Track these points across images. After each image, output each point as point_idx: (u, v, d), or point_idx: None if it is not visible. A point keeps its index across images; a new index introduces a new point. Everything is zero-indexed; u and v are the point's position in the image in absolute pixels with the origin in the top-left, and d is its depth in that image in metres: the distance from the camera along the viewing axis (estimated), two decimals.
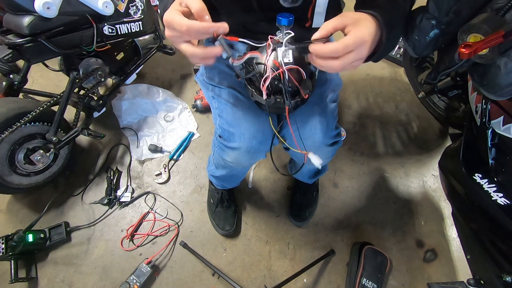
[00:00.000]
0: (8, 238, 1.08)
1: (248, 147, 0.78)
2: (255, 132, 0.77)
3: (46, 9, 0.97)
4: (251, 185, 1.36)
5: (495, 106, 0.78)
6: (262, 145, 0.79)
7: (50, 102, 1.13)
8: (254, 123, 0.78)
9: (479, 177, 0.83)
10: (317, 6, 0.72)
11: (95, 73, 1.27)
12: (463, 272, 1.20)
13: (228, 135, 0.80)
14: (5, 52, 1.03)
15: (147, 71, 1.71)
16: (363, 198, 1.36)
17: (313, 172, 1.11)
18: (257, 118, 0.79)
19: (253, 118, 0.78)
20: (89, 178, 1.36)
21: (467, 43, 0.53)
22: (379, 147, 1.52)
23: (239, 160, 0.84)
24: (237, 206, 1.28)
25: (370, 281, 1.10)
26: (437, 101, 1.58)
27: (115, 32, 1.20)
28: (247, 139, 0.77)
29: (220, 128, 0.83)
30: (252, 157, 0.83)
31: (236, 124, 0.78)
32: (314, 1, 0.72)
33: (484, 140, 0.81)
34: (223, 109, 0.82)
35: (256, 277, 1.16)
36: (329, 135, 0.81)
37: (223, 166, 0.96)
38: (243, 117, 0.78)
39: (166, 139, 1.48)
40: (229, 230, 1.21)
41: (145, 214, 1.27)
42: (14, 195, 1.29)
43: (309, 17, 0.76)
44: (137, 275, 1.09)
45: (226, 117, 0.81)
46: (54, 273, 1.14)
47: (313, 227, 1.28)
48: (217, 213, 1.24)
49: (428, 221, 1.32)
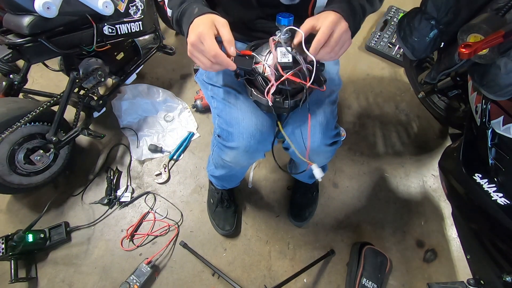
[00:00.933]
0: (8, 238, 1.08)
1: (247, 146, 0.78)
2: (254, 132, 0.77)
3: (46, 9, 0.97)
4: (251, 185, 1.36)
5: (495, 106, 0.78)
6: (260, 145, 0.79)
7: (50, 102, 1.13)
8: (252, 123, 0.78)
9: (479, 177, 0.83)
10: (318, 1, 0.73)
11: (95, 73, 1.26)
12: (463, 272, 1.20)
13: (226, 135, 0.80)
14: (5, 52, 1.03)
15: (147, 71, 1.71)
16: (363, 198, 1.36)
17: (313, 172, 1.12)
18: (256, 118, 0.79)
19: (252, 118, 0.78)
20: (89, 178, 1.36)
21: (467, 43, 0.53)
22: (379, 147, 1.52)
23: (238, 160, 0.84)
24: (237, 206, 1.28)
25: (370, 281, 1.10)
26: (437, 101, 1.58)
27: (115, 32, 1.20)
28: (245, 138, 0.77)
29: (219, 127, 0.83)
30: (250, 157, 0.83)
31: (235, 123, 0.78)
32: None
33: (484, 140, 0.82)
34: (222, 108, 0.82)
35: (256, 277, 1.16)
36: (328, 135, 0.81)
37: (222, 166, 0.96)
38: (242, 116, 0.78)
39: (166, 139, 1.48)
40: (229, 230, 1.21)
41: (145, 214, 1.27)
42: (14, 195, 1.29)
43: (309, 14, 0.76)
44: (137, 275, 1.09)
45: (224, 117, 0.81)
46: (54, 273, 1.14)
47: (313, 227, 1.28)
48: (217, 213, 1.24)
49: (428, 221, 1.32)
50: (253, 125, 0.77)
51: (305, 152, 0.80)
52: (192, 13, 0.65)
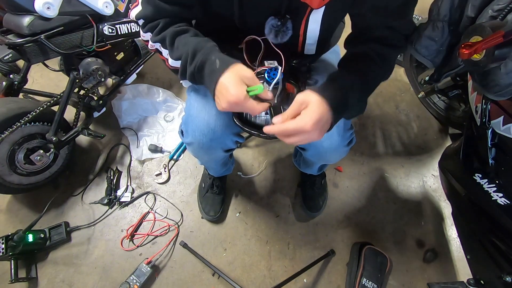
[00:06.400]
0: (8, 238, 1.08)
1: (200, 143, 0.79)
2: (204, 130, 0.78)
3: (46, 9, 0.97)
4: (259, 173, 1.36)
5: (495, 106, 0.78)
6: (214, 142, 0.80)
7: (50, 102, 1.13)
8: (204, 121, 0.78)
9: (479, 177, 0.83)
10: (308, 38, 0.73)
11: (95, 73, 1.26)
12: (463, 272, 1.20)
13: (184, 131, 0.83)
14: (5, 52, 1.03)
15: (147, 71, 1.71)
16: (363, 198, 1.36)
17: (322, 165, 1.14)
18: (209, 116, 0.78)
19: (205, 116, 0.78)
20: (89, 178, 1.36)
21: (467, 43, 0.53)
22: (379, 147, 1.52)
23: (197, 154, 0.89)
24: (226, 195, 1.31)
25: (370, 281, 1.10)
26: (437, 101, 1.58)
27: (115, 32, 1.20)
28: (197, 136, 0.78)
29: (182, 123, 0.85)
30: (208, 153, 0.85)
31: (190, 121, 0.80)
32: (303, 38, 0.73)
33: (484, 140, 0.82)
34: (187, 105, 0.84)
35: (256, 277, 1.16)
36: (346, 136, 0.81)
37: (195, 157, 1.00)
38: (196, 114, 0.79)
39: (166, 139, 1.48)
40: (213, 216, 1.24)
41: (145, 214, 1.27)
42: (14, 195, 1.29)
43: (299, 50, 0.77)
44: (137, 275, 1.09)
45: (186, 113, 0.83)
46: (54, 273, 1.14)
47: (313, 227, 1.28)
48: (206, 198, 1.27)
49: (428, 221, 1.32)
50: (204, 123, 0.77)
51: (322, 153, 0.82)
52: (214, 69, 0.60)
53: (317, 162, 1.04)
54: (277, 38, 0.69)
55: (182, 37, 0.67)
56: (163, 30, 0.68)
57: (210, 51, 0.62)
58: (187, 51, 0.64)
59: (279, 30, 0.68)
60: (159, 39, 0.68)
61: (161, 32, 0.68)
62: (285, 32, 0.68)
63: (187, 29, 0.68)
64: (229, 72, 0.58)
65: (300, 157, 1.21)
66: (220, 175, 1.24)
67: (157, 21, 0.68)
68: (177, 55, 0.66)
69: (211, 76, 0.60)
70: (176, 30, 0.67)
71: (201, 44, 0.64)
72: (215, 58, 0.61)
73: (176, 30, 0.67)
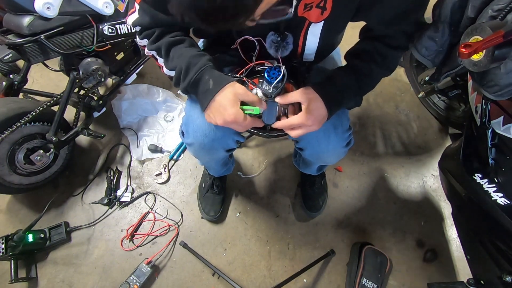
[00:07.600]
0: (8, 238, 1.08)
1: (201, 143, 0.79)
2: (206, 130, 0.78)
3: (46, 9, 0.97)
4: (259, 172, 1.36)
5: (495, 106, 0.78)
6: (215, 143, 0.80)
7: (50, 102, 1.13)
8: (206, 121, 0.77)
9: (479, 177, 0.83)
10: (307, 49, 0.74)
11: (95, 73, 1.26)
12: (463, 272, 1.20)
13: (184, 131, 0.83)
14: (5, 52, 1.03)
15: (147, 71, 1.71)
16: (363, 198, 1.36)
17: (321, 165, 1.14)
18: None
19: None
20: (89, 178, 1.36)
21: (467, 43, 0.53)
22: (379, 147, 1.52)
23: (198, 154, 0.88)
24: (226, 195, 1.31)
25: (370, 281, 1.10)
26: (437, 101, 1.58)
27: (115, 32, 1.20)
28: (199, 136, 0.78)
29: (182, 124, 0.85)
30: (209, 153, 0.85)
31: (190, 121, 0.80)
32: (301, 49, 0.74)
33: (484, 140, 0.82)
34: (188, 106, 0.83)
35: (256, 277, 1.16)
36: (344, 138, 0.81)
37: (195, 157, 1.00)
38: (197, 114, 0.78)
39: (166, 139, 1.48)
40: (213, 216, 1.24)
41: (145, 214, 1.27)
42: (14, 195, 1.29)
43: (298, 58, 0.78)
44: (137, 275, 1.09)
45: (186, 114, 0.83)
46: (54, 273, 1.14)
47: (313, 227, 1.28)
48: (206, 198, 1.27)
49: (428, 221, 1.31)
50: (205, 124, 0.77)
51: (319, 153, 0.83)
52: (208, 89, 0.63)
53: (315, 162, 1.04)
54: (278, 52, 0.70)
55: (178, 48, 0.68)
56: (159, 39, 0.69)
57: (204, 69, 0.65)
58: (181, 66, 0.66)
59: (279, 45, 0.69)
60: (154, 48, 0.70)
61: (156, 41, 0.69)
62: (286, 47, 0.70)
63: (183, 39, 0.70)
64: (224, 91, 0.62)
65: (300, 157, 1.21)
66: (220, 175, 1.24)
67: (153, 29, 0.69)
68: (172, 66, 0.68)
69: (206, 94, 0.64)
70: (171, 41, 0.68)
71: (195, 59, 0.66)
72: (209, 78, 0.64)
73: (171, 41, 0.68)
